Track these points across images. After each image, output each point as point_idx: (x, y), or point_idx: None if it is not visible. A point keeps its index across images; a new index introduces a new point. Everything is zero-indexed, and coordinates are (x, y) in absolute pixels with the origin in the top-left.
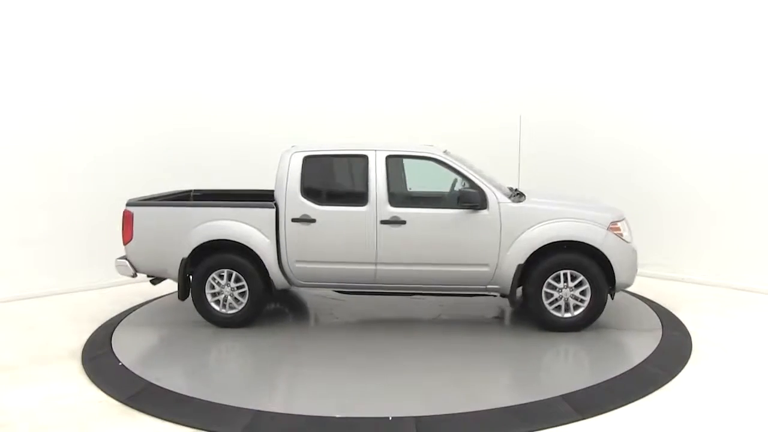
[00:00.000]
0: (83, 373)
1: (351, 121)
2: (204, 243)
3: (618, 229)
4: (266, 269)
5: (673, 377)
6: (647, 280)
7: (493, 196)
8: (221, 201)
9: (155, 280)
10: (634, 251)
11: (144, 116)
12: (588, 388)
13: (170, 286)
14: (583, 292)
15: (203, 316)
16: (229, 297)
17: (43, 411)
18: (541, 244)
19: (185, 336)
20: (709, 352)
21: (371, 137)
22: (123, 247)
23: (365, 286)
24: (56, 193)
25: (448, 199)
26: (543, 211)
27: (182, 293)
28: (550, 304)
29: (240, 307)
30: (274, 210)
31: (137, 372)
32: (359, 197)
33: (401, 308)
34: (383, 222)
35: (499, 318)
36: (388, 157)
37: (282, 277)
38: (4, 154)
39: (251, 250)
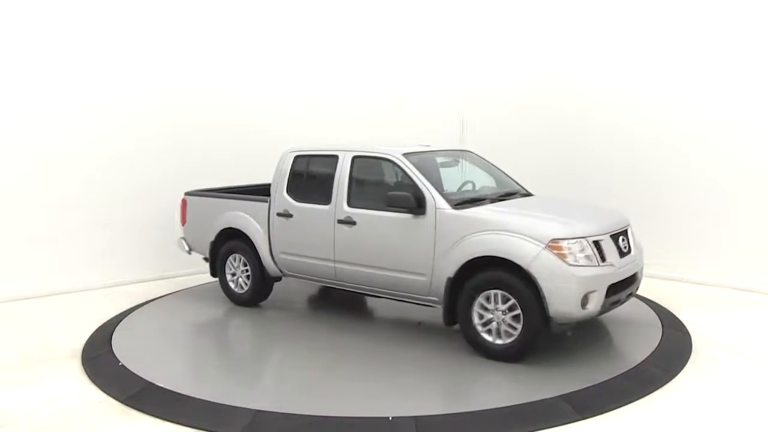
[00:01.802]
0: (83, 373)
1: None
2: (223, 229)
3: (560, 248)
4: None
5: (673, 377)
6: (647, 280)
7: (432, 201)
8: (245, 194)
9: (206, 258)
10: (580, 278)
11: (144, 116)
12: (588, 388)
13: (170, 286)
14: (516, 318)
15: (224, 292)
16: (240, 279)
17: (43, 411)
18: (468, 258)
19: (185, 336)
20: (709, 352)
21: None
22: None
23: (331, 282)
24: (56, 193)
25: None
26: (481, 221)
27: (212, 271)
28: (484, 325)
29: (246, 289)
30: (267, 204)
31: (137, 372)
32: (326, 196)
33: (401, 308)
34: (339, 221)
35: None
36: (354, 158)
37: (273, 266)
38: (5, 154)
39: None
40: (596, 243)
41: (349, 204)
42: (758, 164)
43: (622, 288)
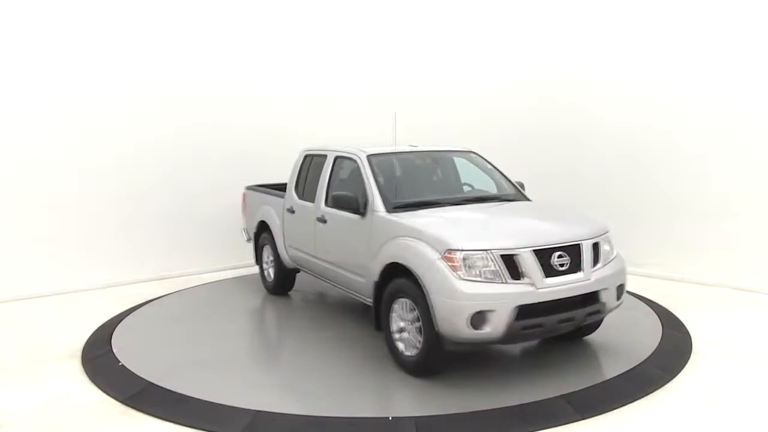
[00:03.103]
0: (83, 373)
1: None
2: (259, 222)
3: (452, 260)
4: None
5: (673, 377)
6: (647, 280)
7: (372, 203)
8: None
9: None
10: (468, 294)
11: (145, 117)
12: (588, 388)
13: (170, 286)
14: (420, 330)
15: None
16: (269, 269)
17: (43, 411)
18: (385, 263)
19: (185, 336)
20: (709, 352)
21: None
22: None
23: (319, 277)
24: (57, 193)
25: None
26: (401, 226)
27: (255, 260)
28: (399, 333)
29: (272, 279)
30: (283, 200)
31: (137, 372)
32: (314, 194)
33: None
34: (317, 219)
35: None
36: (335, 158)
37: (286, 257)
38: (5, 155)
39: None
40: (508, 258)
41: (326, 203)
42: (758, 164)
43: (552, 312)
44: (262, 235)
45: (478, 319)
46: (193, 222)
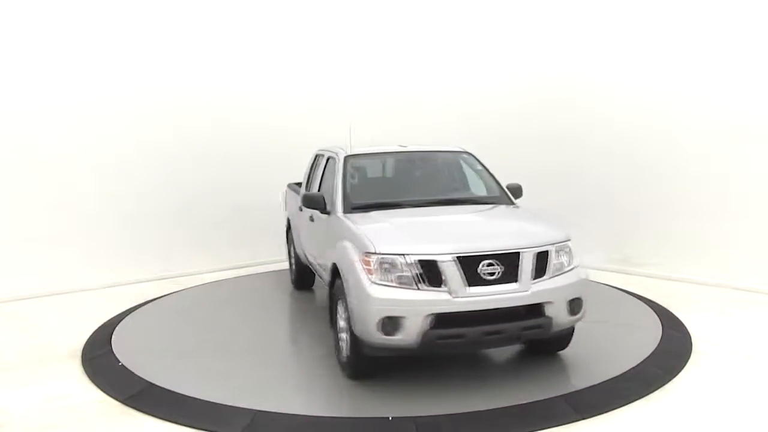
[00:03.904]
0: (83, 373)
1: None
2: (287, 218)
3: (368, 263)
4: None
5: (673, 377)
6: (647, 280)
7: (334, 203)
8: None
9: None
10: (377, 299)
11: (145, 117)
12: (588, 388)
13: (170, 286)
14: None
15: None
16: (292, 263)
17: (43, 411)
18: (330, 263)
19: (185, 336)
20: (709, 352)
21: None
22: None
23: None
24: (56, 193)
25: None
26: (345, 227)
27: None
28: (340, 332)
29: (294, 273)
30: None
31: (137, 372)
32: None
33: None
34: (309, 217)
35: None
36: (328, 158)
37: (302, 253)
38: (5, 155)
39: None
40: (428, 263)
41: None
42: (759, 164)
43: (476, 323)
44: (289, 231)
45: (389, 324)
46: (193, 222)
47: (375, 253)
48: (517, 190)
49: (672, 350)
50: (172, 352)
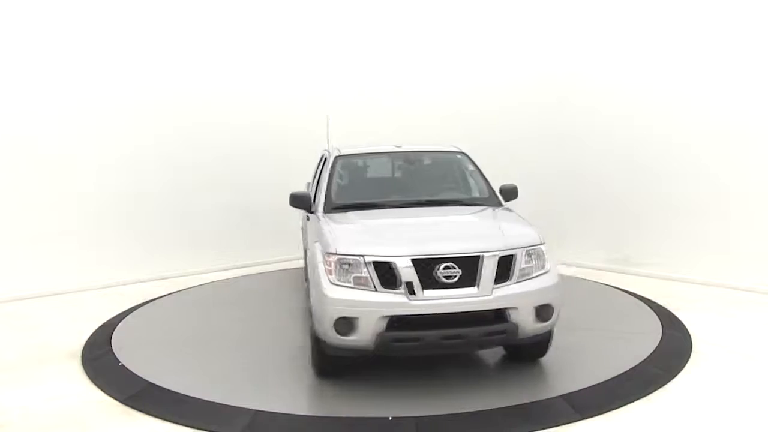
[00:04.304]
0: (83, 373)
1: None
2: None
3: (329, 263)
4: None
5: (673, 377)
6: (647, 280)
7: (317, 203)
8: None
9: None
10: (331, 299)
11: (145, 117)
12: (588, 388)
13: (170, 286)
14: None
15: None
16: None
17: (43, 411)
18: (305, 263)
19: (185, 336)
20: (709, 352)
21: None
22: None
23: None
24: (56, 193)
25: None
26: (317, 227)
27: None
28: None
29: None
30: None
31: (137, 372)
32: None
33: None
34: (306, 217)
35: None
36: (325, 158)
37: (304, 249)
38: (5, 155)
39: None
40: (384, 265)
41: (313, 200)
42: (759, 164)
43: (433, 326)
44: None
45: (344, 325)
46: (193, 222)
47: (335, 254)
48: (511, 192)
49: (672, 350)
50: (172, 352)
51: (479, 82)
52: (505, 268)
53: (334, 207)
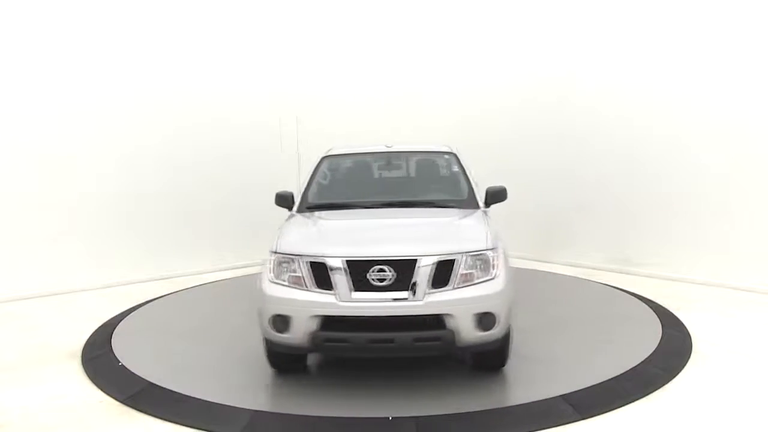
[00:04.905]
0: (83, 373)
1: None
2: None
3: (271, 262)
4: None
5: (673, 377)
6: (647, 280)
7: (296, 202)
8: None
9: None
10: (267, 296)
11: (146, 118)
12: (588, 388)
13: (170, 286)
14: None
15: None
16: None
17: (43, 411)
18: None
19: (185, 336)
20: (709, 352)
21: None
22: None
23: None
24: (56, 193)
25: None
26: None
27: None
28: None
29: None
30: None
31: (137, 372)
32: None
33: None
34: None
35: None
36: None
37: None
38: (5, 155)
39: None
40: (319, 265)
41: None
42: (759, 164)
43: (362, 329)
44: None
45: (280, 322)
46: (193, 222)
47: (276, 252)
48: (498, 194)
49: (672, 350)
50: (172, 352)
51: (479, 82)
52: (444, 274)
53: (308, 206)
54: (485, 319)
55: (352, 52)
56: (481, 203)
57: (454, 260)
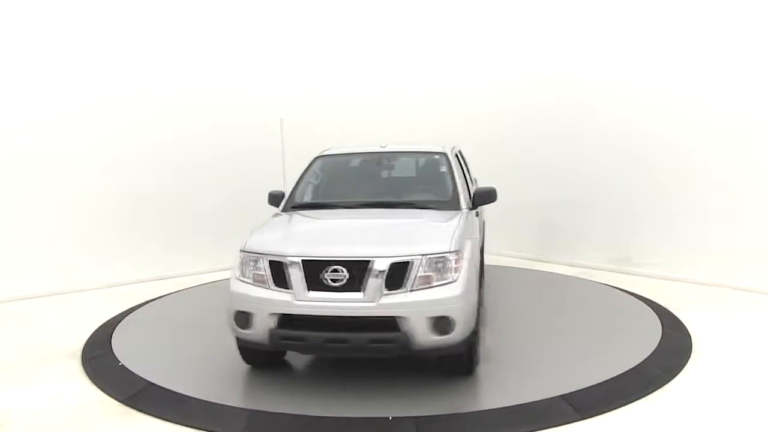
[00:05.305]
0: (83, 373)
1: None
2: None
3: (239, 258)
4: None
5: (673, 377)
6: (647, 280)
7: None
8: None
9: None
10: (232, 293)
11: (144, 118)
12: (588, 388)
13: (170, 286)
14: None
15: None
16: None
17: (43, 411)
18: None
19: (185, 336)
20: (709, 352)
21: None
22: None
23: None
24: (56, 193)
25: None
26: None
27: None
28: None
29: None
30: None
31: (137, 372)
32: None
33: None
34: None
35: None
36: None
37: None
38: (5, 155)
39: None
40: (278, 264)
41: None
42: (759, 164)
43: (317, 328)
44: None
45: (242, 319)
46: (194, 222)
47: (242, 251)
48: (486, 195)
49: (672, 350)
50: (172, 352)
51: (479, 81)
52: (401, 276)
53: (293, 206)
54: (441, 323)
55: (351, 53)
56: (464, 205)
57: (409, 262)
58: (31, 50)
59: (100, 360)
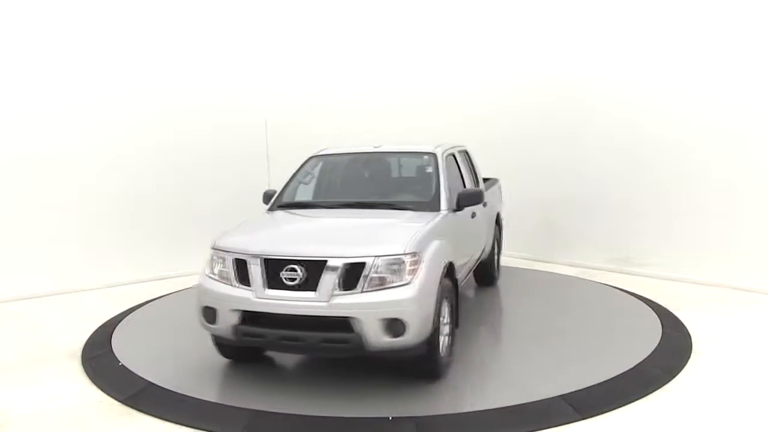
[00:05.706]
0: (83, 373)
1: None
2: None
3: (209, 255)
4: None
5: (673, 377)
6: (647, 280)
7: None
8: None
9: None
10: (199, 289)
11: (144, 118)
12: (588, 388)
13: (170, 286)
14: None
15: None
16: None
17: (43, 411)
18: None
19: (185, 336)
20: (709, 352)
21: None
22: None
23: None
24: (56, 193)
25: None
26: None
27: None
28: None
29: None
30: None
31: (137, 372)
32: None
33: None
34: None
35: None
36: None
37: None
38: (5, 155)
39: None
40: (242, 262)
41: None
42: (759, 164)
43: (274, 326)
44: None
45: (209, 314)
46: (194, 222)
47: (212, 248)
48: (470, 197)
49: (672, 350)
50: (172, 352)
51: (480, 81)
52: (355, 276)
53: (280, 205)
54: (394, 325)
55: (351, 53)
56: (445, 206)
57: (364, 263)
58: (31, 50)
59: (100, 360)
